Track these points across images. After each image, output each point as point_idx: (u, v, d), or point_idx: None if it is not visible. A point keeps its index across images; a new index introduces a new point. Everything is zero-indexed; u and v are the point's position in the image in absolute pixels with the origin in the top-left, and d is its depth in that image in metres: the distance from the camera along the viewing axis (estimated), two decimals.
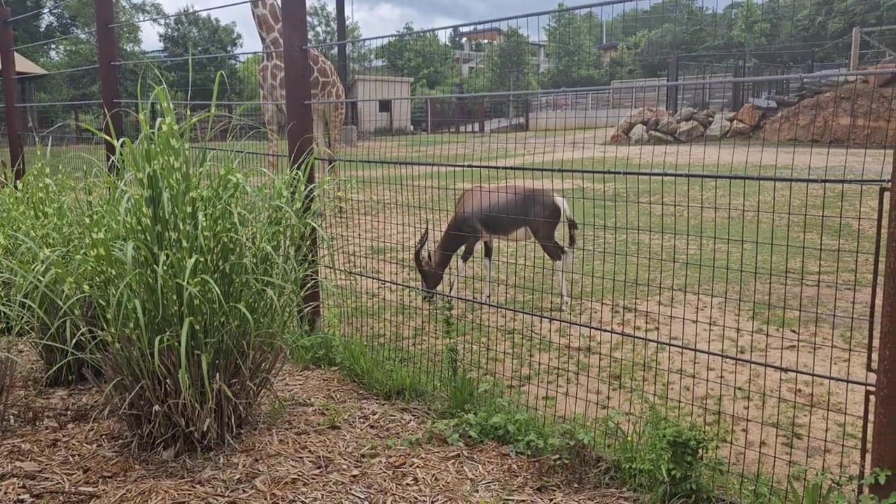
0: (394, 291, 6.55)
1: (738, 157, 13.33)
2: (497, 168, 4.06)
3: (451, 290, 6.23)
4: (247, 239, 3.36)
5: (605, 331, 3.61)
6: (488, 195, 5.82)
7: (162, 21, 44.59)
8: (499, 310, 5.65)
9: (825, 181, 2.55)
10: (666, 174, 3.43)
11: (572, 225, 6.13)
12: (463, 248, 6.19)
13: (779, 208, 9.92)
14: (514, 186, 5.90)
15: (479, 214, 5.94)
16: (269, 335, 3.46)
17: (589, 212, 8.38)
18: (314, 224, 3.69)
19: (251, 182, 3.51)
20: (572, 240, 6.19)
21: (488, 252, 6.44)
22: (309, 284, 3.88)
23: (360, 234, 6.47)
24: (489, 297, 6.32)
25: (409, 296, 6.27)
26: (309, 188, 3.94)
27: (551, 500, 2.95)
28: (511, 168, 3.98)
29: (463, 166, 4.21)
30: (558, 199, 6.00)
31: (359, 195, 9.09)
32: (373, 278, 5.21)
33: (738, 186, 9.89)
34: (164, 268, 3.01)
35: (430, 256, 6.07)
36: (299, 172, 3.82)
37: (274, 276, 3.41)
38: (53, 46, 41.34)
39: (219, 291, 3.08)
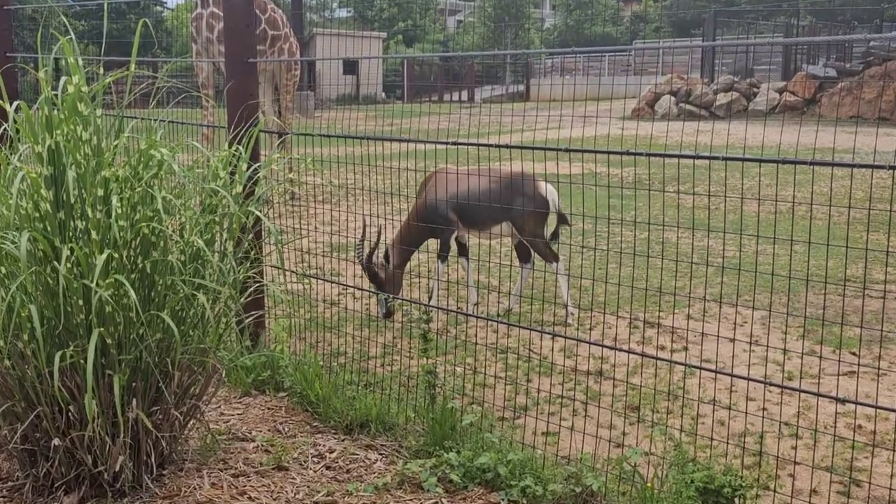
0: (358, 299, 6.54)
1: (787, 136, 13.44)
2: (490, 146, 4.05)
3: (430, 298, 6.24)
4: (173, 231, 3.34)
5: (620, 350, 3.63)
6: (461, 179, 5.83)
7: None
8: (489, 323, 5.66)
9: (895, 168, 2.57)
10: (699, 157, 3.45)
11: (562, 219, 6.16)
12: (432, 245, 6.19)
13: (837, 201, 10.00)
14: (491, 170, 5.90)
15: (451, 201, 5.93)
16: (201, 352, 3.45)
17: (603, 203, 8.40)
18: (259, 213, 3.68)
19: (180, 159, 3.49)
20: (555, 236, 6.21)
21: (463, 251, 6.44)
22: (251, 289, 3.89)
23: (316, 227, 6.45)
24: (476, 306, 6.33)
25: (378, 304, 6.25)
26: (253, 168, 3.93)
27: None
28: (507, 147, 3.98)
29: (447, 144, 4.20)
30: (545, 187, 6.02)
31: (316, 178, 9.06)
32: (332, 282, 5.19)
33: (788, 173, 9.96)
34: (68, 265, 2.99)
35: (386, 258, 6.05)
36: (241, 148, 3.80)
37: (207, 278, 3.40)
38: None
39: (136, 296, 3.06)
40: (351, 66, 33.65)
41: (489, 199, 5.72)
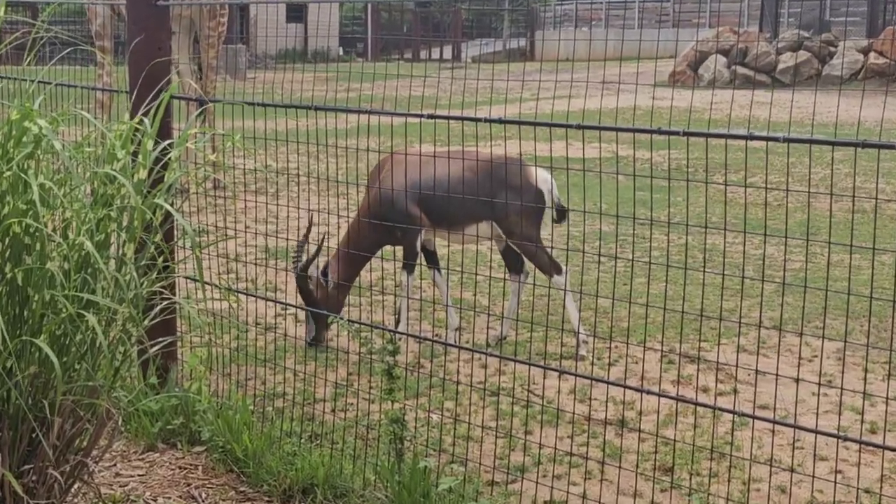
0: (301, 322, 6.50)
1: (871, 111, 13.48)
2: (480, 121, 4.04)
3: (397, 322, 6.23)
4: (54, 229, 3.32)
5: (649, 393, 3.62)
6: (426, 163, 5.79)
7: None
8: (475, 356, 5.65)
9: None
10: (754, 137, 3.45)
11: (561, 214, 6.18)
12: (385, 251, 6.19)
13: None
14: (466, 153, 5.88)
15: (415, 193, 5.90)
16: (90, 391, 3.42)
17: (628, 197, 8.35)
18: (169, 207, 3.64)
19: (64, 134, 3.47)
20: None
21: (432, 259, 6.45)
22: (158, 308, 3.87)
23: (247, 226, 6.42)
24: (458, 332, 6.36)
25: (328, 329, 6.23)
26: (162, 147, 3.87)
27: None
28: (503, 121, 3.97)
29: (422, 116, 4.18)
30: (540, 174, 6.04)
31: (248, 161, 8.99)
32: (268, 300, 5.14)
33: (870, 160, 10.01)
34: None
35: (325, 273, 6.08)
36: (146, 120, 3.78)
37: (99, 293, 3.37)
38: None
39: (2, 317, 3.04)
40: (297, 12, 33.61)
41: (465, 189, 5.69)
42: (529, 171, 6.04)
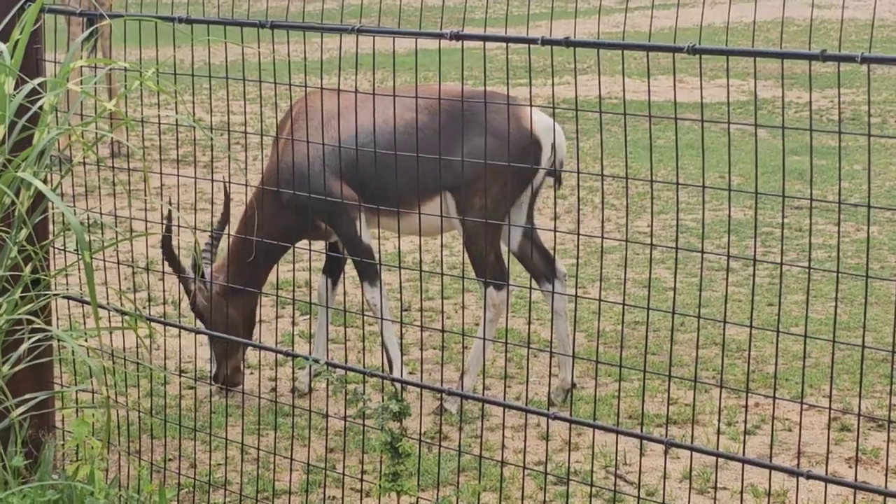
0: (252, 368, 6.61)
1: None
2: (533, 43, 4.08)
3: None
4: None
5: (811, 478, 3.68)
6: (362, 107, 5.83)
7: None
8: (530, 418, 5.65)
9: None
10: None
11: (558, 180, 6.38)
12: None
13: None
14: (421, 89, 5.96)
15: (344, 158, 5.96)
16: None
17: (773, 162, 8.39)
18: (42, 185, 3.71)
19: None
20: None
21: (334, 268, 6.57)
22: (25, 346, 3.95)
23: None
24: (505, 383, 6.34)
25: (290, 374, 6.31)
26: (30, 89, 3.98)
27: None
28: (571, 44, 4.03)
29: (442, 37, 4.22)
30: (541, 120, 6.24)
31: (166, 112, 8.98)
32: (198, 333, 5.11)
33: None
34: None
35: (195, 268, 6.23)
36: (3, 47, 3.89)
37: None
38: None
39: None
40: None
41: (421, 144, 5.66)
42: (522, 112, 6.14)
